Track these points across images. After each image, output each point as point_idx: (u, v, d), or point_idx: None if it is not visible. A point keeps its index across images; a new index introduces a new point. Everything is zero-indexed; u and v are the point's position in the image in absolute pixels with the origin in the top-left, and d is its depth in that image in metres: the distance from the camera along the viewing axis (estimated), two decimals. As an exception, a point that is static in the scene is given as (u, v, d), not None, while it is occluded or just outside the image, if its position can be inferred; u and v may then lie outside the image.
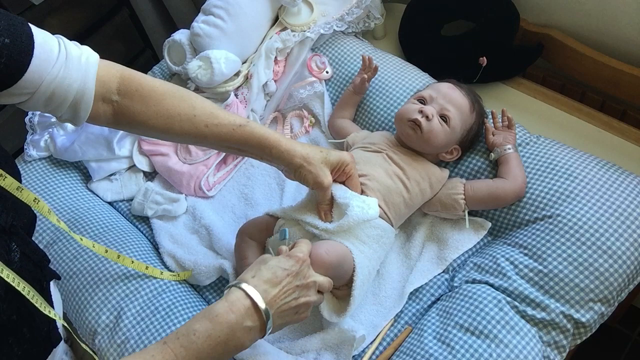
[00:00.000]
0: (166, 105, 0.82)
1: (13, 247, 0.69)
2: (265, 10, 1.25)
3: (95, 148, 1.19)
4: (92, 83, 0.76)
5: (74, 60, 0.73)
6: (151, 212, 1.16)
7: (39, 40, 0.69)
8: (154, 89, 0.82)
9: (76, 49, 0.75)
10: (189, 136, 0.85)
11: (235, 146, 0.87)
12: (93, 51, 0.78)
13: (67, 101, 0.74)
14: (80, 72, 0.74)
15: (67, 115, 0.77)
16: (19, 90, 0.69)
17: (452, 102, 1.01)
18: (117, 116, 0.82)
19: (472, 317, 0.88)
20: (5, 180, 0.68)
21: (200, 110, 0.84)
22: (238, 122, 0.86)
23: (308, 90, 1.25)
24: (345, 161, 0.93)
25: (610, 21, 1.17)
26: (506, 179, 0.99)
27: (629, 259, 0.89)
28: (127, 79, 0.81)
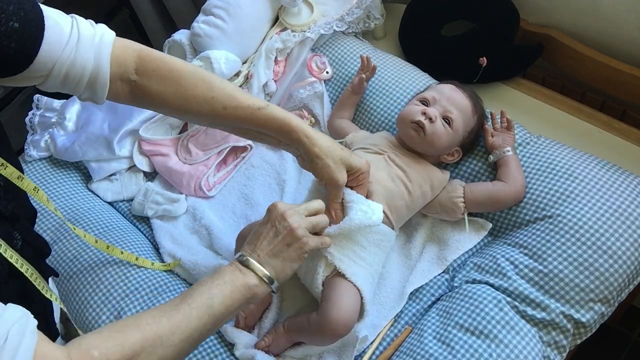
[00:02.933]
0: (184, 85, 0.81)
1: (15, 235, 0.69)
2: (266, 11, 1.25)
3: (96, 148, 1.19)
4: (106, 63, 0.76)
5: (86, 41, 0.73)
6: (151, 212, 1.16)
7: (50, 23, 0.69)
8: (172, 70, 0.82)
9: (89, 28, 0.75)
10: (207, 117, 0.85)
11: (254, 129, 0.87)
12: (109, 29, 0.78)
13: (83, 81, 0.75)
14: (92, 52, 0.74)
15: (86, 94, 0.78)
16: (33, 74, 0.70)
17: (455, 104, 1.01)
18: (136, 95, 0.82)
19: (472, 317, 0.88)
20: (6, 170, 0.68)
21: (218, 92, 0.83)
22: (257, 104, 0.84)
23: (308, 90, 1.25)
24: (363, 168, 0.91)
25: (610, 21, 1.17)
26: (505, 182, 0.99)
27: (629, 259, 0.89)
28: (145, 59, 0.80)
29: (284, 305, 1.00)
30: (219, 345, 0.95)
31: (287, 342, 0.93)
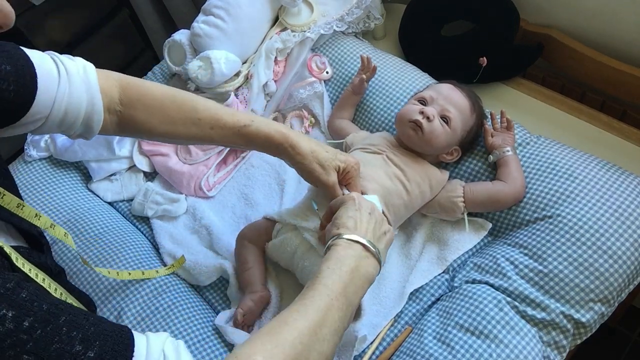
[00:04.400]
0: (169, 112, 0.82)
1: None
2: (266, 11, 1.25)
3: (96, 148, 1.19)
4: (98, 94, 0.75)
5: (75, 75, 0.72)
6: (151, 212, 1.16)
7: (36, 62, 0.67)
8: (155, 96, 0.81)
9: (72, 62, 0.74)
10: (196, 139, 0.85)
11: (242, 145, 0.87)
12: (86, 61, 0.77)
13: (80, 117, 0.74)
14: (84, 85, 0.73)
15: (80, 131, 0.77)
16: (33, 117, 0.68)
17: (453, 103, 1.01)
18: (123, 125, 0.81)
19: (472, 317, 0.88)
20: (4, 198, 0.66)
21: (203, 113, 0.83)
22: (242, 122, 0.85)
23: (308, 90, 1.25)
24: (351, 165, 0.92)
25: (610, 21, 1.17)
26: (505, 182, 0.99)
27: (629, 259, 0.89)
28: (127, 87, 0.80)
29: (283, 304, 1.00)
30: (219, 345, 0.95)
31: None
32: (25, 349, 0.45)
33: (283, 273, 1.03)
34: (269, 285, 1.01)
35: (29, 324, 0.47)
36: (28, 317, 0.47)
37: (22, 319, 0.46)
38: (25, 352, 0.45)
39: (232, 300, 1.03)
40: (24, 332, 0.46)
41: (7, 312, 0.46)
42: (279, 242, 0.98)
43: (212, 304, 1.05)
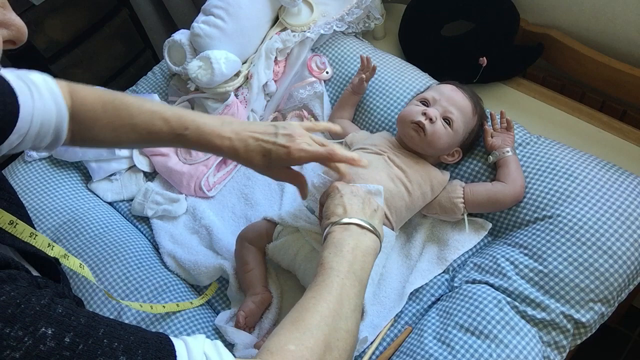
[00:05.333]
0: (109, 118, 0.79)
1: None
2: (266, 11, 1.25)
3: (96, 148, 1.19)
4: (62, 102, 0.74)
5: (42, 86, 0.72)
6: (151, 213, 1.16)
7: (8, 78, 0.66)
8: (94, 103, 0.79)
9: (36, 75, 0.73)
10: (139, 144, 0.83)
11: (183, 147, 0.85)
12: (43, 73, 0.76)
13: (51, 127, 0.73)
14: (50, 95, 0.73)
15: (48, 141, 0.75)
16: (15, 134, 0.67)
17: (455, 104, 1.01)
18: (73, 135, 0.80)
19: (472, 317, 0.88)
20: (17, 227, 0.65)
21: (138, 118, 0.80)
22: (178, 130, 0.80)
23: (308, 90, 1.25)
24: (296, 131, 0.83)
25: (610, 21, 1.17)
26: (505, 182, 0.99)
27: (629, 259, 0.89)
28: (73, 94, 0.78)
29: (284, 305, 1.00)
30: (219, 345, 0.95)
31: None
32: None
33: (284, 274, 1.03)
34: (270, 286, 1.01)
35: (70, 340, 0.46)
36: (68, 333, 0.46)
37: (62, 335, 0.45)
38: None
39: (232, 300, 1.03)
40: (66, 349, 0.45)
41: (47, 330, 0.45)
42: (280, 244, 0.98)
43: (212, 304, 1.05)
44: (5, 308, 0.43)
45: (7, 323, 0.43)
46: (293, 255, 0.96)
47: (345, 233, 0.75)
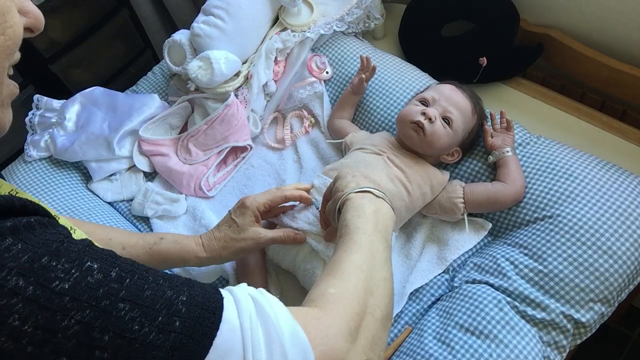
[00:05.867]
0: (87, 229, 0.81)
1: None
2: (266, 11, 1.25)
3: (95, 148, 1.19)
4: None
5: None
6: (151, 213, 1.16)
7: None
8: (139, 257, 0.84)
9: None
10: None
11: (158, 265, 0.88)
12: None
13: None
14: None
15: None
16: None
17: (454, 104, 1.01)
18: None
19: (472, 317, 0.88)
20: None
21: (115, 233, 0.86)
22: (152, 240, 0.87)
23: (308, 90, 1.25)
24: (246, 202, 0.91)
25: (610, 21, 1.17)
26: (505, 182, 0.99)
27: (629, 259, 0.89)
28: None
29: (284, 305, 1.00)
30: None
31: None
32: (119, 297, 0.44)
33: (284, 274, 1.03)
34: (270, 286, 1.01)
35: (116, 274, 0.46)
36: (114, 268, 0.46)
37: (108, 269, 0.46)
38: (119, 300, 0.44)
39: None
40: (114, 281, 0.45)
41: (93, 264, 0.45)
42: (279, 245, 0.98)
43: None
44: (50, 244, 0.43)
45: (53, 257, 0.43)
46: (293, 256, 0.96)
47: (364, 199, 0.75)
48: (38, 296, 0.41)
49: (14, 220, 0.43)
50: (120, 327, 0.43)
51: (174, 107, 1.25)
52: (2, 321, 0.39)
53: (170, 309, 0.47)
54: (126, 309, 0.44)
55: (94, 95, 1.28)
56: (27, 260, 0.41)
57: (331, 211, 0.80)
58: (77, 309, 0.42)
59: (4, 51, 0.46)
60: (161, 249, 0.88)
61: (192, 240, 0.90)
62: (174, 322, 0.46)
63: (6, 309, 0.40)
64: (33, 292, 0.41)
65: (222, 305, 0.50)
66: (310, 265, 0.93)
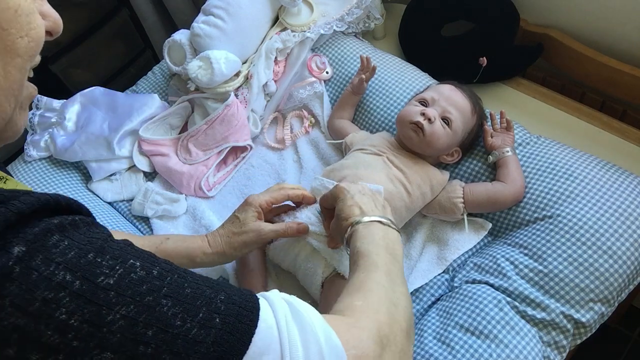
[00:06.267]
0: None
1: None
2: (266, 11, 1.25)
3: (95, 148, 1.19)
4: None
5: None
6: (151, 213, 1.16)
7: None
8: None
9: None
10: None
11: None
12: None
13: None
14: None
15: None
16: None
17: (454, 104, 1.01)
18: None
19: (472, 317, 0.88)
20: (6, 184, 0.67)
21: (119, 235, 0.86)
22: (159, 240, 0.89)
23: (308, 90, 1.25)
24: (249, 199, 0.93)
25: (610, 21, 1.17)
26: (505, 182, 0.99)
27: (629, 259, 0.89)
28: None
29: (284, 305, 1.00)
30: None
31: None
32: (161, 294, 0.45)
33: (284, 274, 1.03)
34: (270, 286, 1.01)
35: (158, 272, 0.47)
36: (155, 267, 0.47)
37: (150, 267, 0.47)
38: (162, 296, 0.45)
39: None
40: (156, 279, 0.46)
41: (135, 262, 0.46)
42: (280, 245, 0.98)
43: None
44: (95, 242, 0.44)
45: (98, 253, 0.44)
46: (294, 257, 0.96)
47: (371, 228, 0.76)
48: (84, 291, 0.41)
49: (60, 218, 0.44)
50: (164, 323, 0.44)
51: (174, 107, 1.25)
52: (50, 315, 0.40)
53: (210, 306, 0.48)
54: (168, 305, 0.45)
55: (94, 95, 1.28)
56: (74, 256, 0.42)
57: (336, 233, 0.82)
58: (122, 304, 0.43)
59: (27, 52, 0.46)
60: (168, 247, 0.88)
61: (197, 238, 0.92)
62: (214, 318, 0.47)
63: (54, 303, 0.40)
64: (80, 287, 0.41)
65: (259, 305, 0.51)
66: (312, 264, 0.93)
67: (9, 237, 0.40)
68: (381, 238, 0.74)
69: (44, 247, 0.41)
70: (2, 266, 0.39)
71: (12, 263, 0.39)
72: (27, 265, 0.40)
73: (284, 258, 0.99)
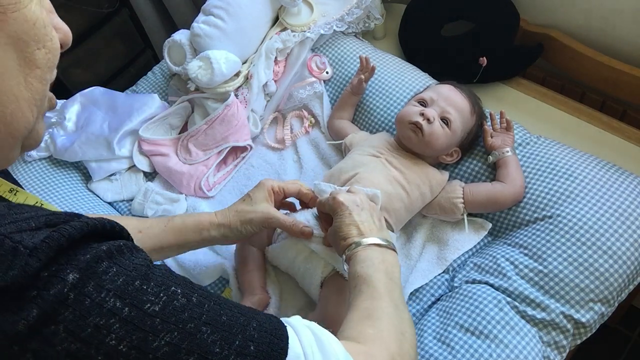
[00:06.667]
0: None
1: None
2: (266, 11, 1.25)
3: (95, 148, 1.19)
4: None
5: None
6: (151, 212, 1.16)
7: None
8: None
9: None
10: None
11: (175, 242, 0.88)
12: None
13: None
14: None
15: None
16: None
17: (453, 104, 1.01)
18: None
19: (472, 317, 0.88)
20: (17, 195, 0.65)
21: (127, 220, 0.87)
22: (166, 219, 0.90)
23: (308, 90, 1.25)
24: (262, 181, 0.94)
25: (610, 21, 1.17)
26: (505, 182, 0.99)
27: (629, 259, 0.89)
28: None
29: (283, 305, 1.00)
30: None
31: None
32: (202, 321, 0.47)
33: (283, 275, 1.03)
34: (269, 286, 1.01)
35: (197, 300, 0.48)
36: (194, 293, 0.49)
37: (190, 294, 0.48)
38: (202, 323, 0.47)
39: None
40: (196, 306, 0.48)
41: (177, 289, 0.48)
42: (279, 247, 0.98)
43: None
44: (140, 268, 0.46)
45: (144, 280, 0.46)
46: (292, 258, 0.96)
47: (369, 252, 0.77)
48: (133, 317, 0.43)
49: (108, 244, 0.46)
50: (204, 349, 0.46)
51: (174, 107, 1.26)
52: (101, 340, 0.41)
53: (245, 333, 0.50)
54: (208, 332, 0.47)
55: (94, 95, 1.28)
56: (123, 283, 0.44)
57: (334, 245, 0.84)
58: (167, 330, 0.44)
59: (46, 64, 0.47)
60: (176, 223, 0.89)
61: (206, 213, 0.92)
62: (249, 346, 0.49)
63: (105, 329, 0.42)
64: (129, 313, 0.43)
65: (287, 333, 0.53)
66: (311, 265, 0.93)
67: (62, 262, 0.42)
68: (380, 262, 0.75)
69: (96, 274, 0.43)
70: (58, 293, 0.40)
71: (67, 290, 0.41)
72: (80, 292, 0.41)
73: (283, 260, 0.99)
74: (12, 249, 0.41)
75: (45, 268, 0.41)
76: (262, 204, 0.91)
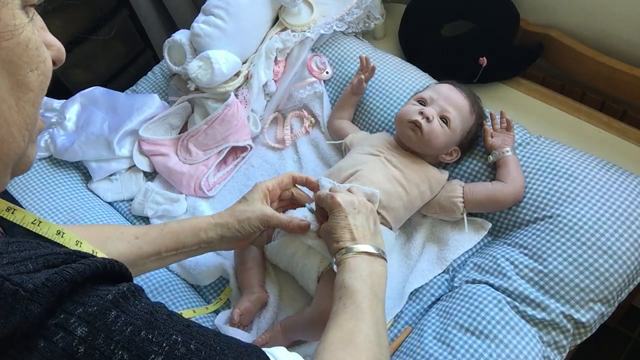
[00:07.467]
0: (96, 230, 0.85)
1: None
2: (266, 11, 1.25)
3: (95, 148, 1.19)
4: None
5: None
6: (151, 212, 1.16)
7: None
8: None
9: None
10: (126, 255, 0.84)
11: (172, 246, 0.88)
12: None
13: None
14: None
15: None
16: None
17: (452, 103, 1.01)
18: None
19: (472, 317, 0.88)
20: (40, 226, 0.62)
21: (124, 228, 0.88)
22: (162, 224, 0.90)
23: (308, 90, 1.25)
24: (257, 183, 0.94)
25: (610, 21, 1.17)
26: (505, 182, 0.99)
27: (629, 259, 0.89)
28: None
29: (282, 304, 1.00)
30: (219, 345, 0.95)
31: (284, 341, 0.93)
32: None
33: (282, 273, 1.03)
34: (268, 285, 1.01)
35: (195, 347, 0.50)
36: (192, 340, 0.50)
37: (188, 342, 0.49)
38: None
39: (232, 301, 1.03)
40: (194, 355, 0.49)
41: (177, 337, 0.49)
42: (277, 244, 0.98)
43: (212, 304, 1.05)
44: (144, 316, 0.47)
45: (149, 329, 0.47)
46: (290, 255, 0.97)
47: (359, 260, 0.78)
48: None
49: (114, 292, 0.47)
50: None
51: (174, 107, 1.25)
52: None
53: None
54: None
55: (94, 95, 1.28)
56: (130, 334, 0.45)
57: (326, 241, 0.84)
58: None
59: (38, 86, 0.46)
60: (173, 227, 0.89)
61: (202, 216, 0.93)
62: None
63: None
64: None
65: None
66: (309, 260, 0.94)
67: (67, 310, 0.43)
68: (367, 275, 0.76)
69: (105, 325, 0.44)
70: (67, 346, 0.42)
71: (77, 343, 0.42)
72: (90, 346, 0.43)
73: (281, 257, 0.99)
74: (12, 293, 0.40)
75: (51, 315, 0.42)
76: (257, 204, 0.91)
